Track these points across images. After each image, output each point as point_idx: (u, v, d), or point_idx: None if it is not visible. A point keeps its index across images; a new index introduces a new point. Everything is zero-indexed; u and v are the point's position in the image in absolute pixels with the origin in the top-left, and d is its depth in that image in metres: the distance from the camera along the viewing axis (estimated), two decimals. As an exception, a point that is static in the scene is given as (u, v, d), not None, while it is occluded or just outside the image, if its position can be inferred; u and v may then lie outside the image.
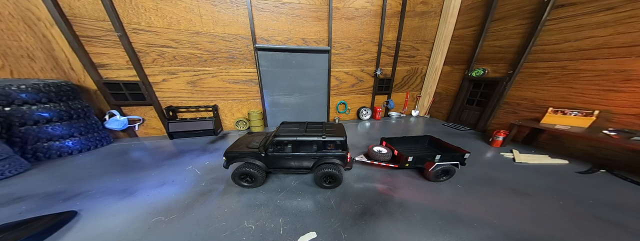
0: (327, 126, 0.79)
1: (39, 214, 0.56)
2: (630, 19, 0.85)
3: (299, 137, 0.69)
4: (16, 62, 0.96)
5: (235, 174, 0.68)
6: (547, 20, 1.08)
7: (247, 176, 0.70)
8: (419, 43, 1.72)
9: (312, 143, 0.71)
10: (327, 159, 0.72)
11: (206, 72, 1.30)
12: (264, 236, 0.51)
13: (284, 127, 0.75)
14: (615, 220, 0.59)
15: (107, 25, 1.03)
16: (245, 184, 0.71)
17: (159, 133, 1.35)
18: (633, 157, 0.88)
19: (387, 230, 0.53)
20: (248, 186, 0.71)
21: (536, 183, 0.79)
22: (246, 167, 0.68)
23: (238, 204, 0.63)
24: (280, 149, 0.70)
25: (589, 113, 0.97)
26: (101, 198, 0.67)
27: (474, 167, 0.92)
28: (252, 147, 0.72)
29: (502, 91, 1.31)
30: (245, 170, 0.68)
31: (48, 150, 0.95)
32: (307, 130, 0.74)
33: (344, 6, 1.39)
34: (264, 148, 0.70)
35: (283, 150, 0.70)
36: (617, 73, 0.90)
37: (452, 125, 1.61)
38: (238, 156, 0.69)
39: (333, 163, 0.72)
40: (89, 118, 1.08)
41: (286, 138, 0.68)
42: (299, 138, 0.69)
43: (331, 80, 1.60)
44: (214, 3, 1.16)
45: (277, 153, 0.70)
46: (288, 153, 0.70)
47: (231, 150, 0.71)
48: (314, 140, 0.70)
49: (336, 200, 0.66)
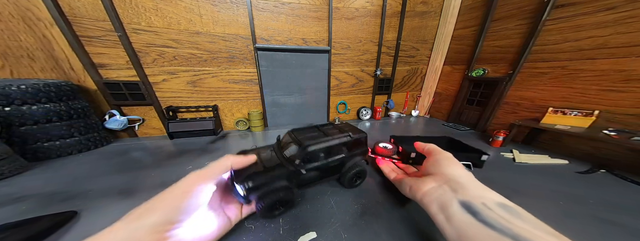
0: (340, 126, 0.73)
1: (39, 214, 0.56)
2: (630, 19, 0.85)
3: (332, 141, 0.60)
4: (16, 62, 0.96)
5: (266, 207, 0.52)
6: (547, 20, 1.08)
7: (281, 204, 0.55)
8: (419, 43, 1.72)
9: (343, 145, 0.63)
10: (354, 158, 0.68)
11: (206, 72, 1.30)
12: (264, 237, 0.50)
13: (302, 134, 0.62)
14: (615, 220, 0.59)
15: (107, 25, 1.03)
16: (277, 213, 0.56)
17: (159, 133, 1.35)
18: (633, 156, 0.88)
19: (387, 229, 0.53)
20: (278, 215, 0.57)
21: (536, 183, 0.79)
22: (281, 193, 0.53)
23: (238, 204, 0.63)
24: (314, 159, 0.58)
25: (589, 113, 0.97)
26: (101, 198, 0.67)
27: (474, 166, 0.92)
28: (272, 166, 0.55)
29: (502, 91, 1.31)
30: (280, 196, 0.53)
31: (48, 150, 0.95)
32: (327, 133, 0.64)
33: (344, 6, 1.39)
34: (301, 164, 0.55)
35: (318, 160, 0.59)
36: (617, 73, 0.90)
37: (452, 125, 1.61)
38: (267, 183, 0.52)
39: (358, 160, 0.68)
40: (89, 118, 1.08)
41: (319, 146, 0.57)
42: (333, 141, 0.60)
43: (331, 80, 1.60)
44: (214, 3, 1.16)
45: (312, 166, 0.58)
46: (322, 162, 0.60)
47: (252, 176, 0.51)
48: (345, 141, 0.63)
49: (336, 200, 0.66)
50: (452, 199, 0.41)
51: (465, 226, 0.36)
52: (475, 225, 0.35)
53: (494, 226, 0.33)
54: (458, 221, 0.37)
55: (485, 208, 0.36)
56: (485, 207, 0.37)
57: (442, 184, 0.46)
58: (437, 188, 0.46)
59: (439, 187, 0.46)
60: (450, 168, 0.49)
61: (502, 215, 0.35)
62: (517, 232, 0.30)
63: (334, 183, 0.75)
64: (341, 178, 0.69)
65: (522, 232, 0.30)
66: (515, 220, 0.34)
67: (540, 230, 0.31)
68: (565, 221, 0.58)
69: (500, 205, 0.37)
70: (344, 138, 0.62)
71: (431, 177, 0.49)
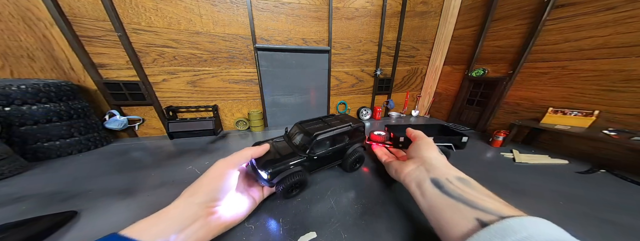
0: (341, 117, 0.85)
1: (39, 214, 0.56)
2: (630, 19, 0.85)
3: (336, 130, 0.71)
4: (16, 62, 0.96)
5: (286, 189, 0.60)
6: (547, 20, 1.08)
7: (297, 185, 0.64)
8: (419, 43, 1.72)
9: (345, 134, 0.74)
10: (353, 145, 0.78)
11: (206, 72, 1.30)
12: (264, 237, 0.51)
13: (310, 126, 0.73)
14: (615, 220, 0.59)
15: (107, 25, 1.03)
16: (294, 193, 0.66)
17: (159, 133, 1.35)
18: (633, 157, 0.88)
19: (387, 229, 0.53)
20: (294, 195, 0.66)
21: (536, 183, 0.79)
22: (297, 176, 0.62)
23: (238, 204, 0.63)
24: (322, 147, 0.69)
25: (589, 113, 0.97)
26: (101, 198, 0.67)
27: (474, 166, 0.92)
28: (287, 154, 0.65)
29: (502, 91, 1.31)
30: (297, 179, 0.61)
31: (48, 150, 0.95)
32: (330, 124, 0.75)
33: (344, 6, 1.39)
34: (312, 151, 0.66)
35: (325, 147, 0.70)
36: (617, 73, 0.90)
37: (452, 125, 1.61)
38: (285, 168, 0.61)
39: (357, 147, 0.79)
40: (89, 118, 1.08)
41: (326, 134, 0.68)
42: (336, 131, 0.70)
43: (331, 80, 1.60)
44: (214, 3, 1.16)
45: (320, 152, 0.68)
46: (328, 149, 0.71)
47: (271, 163, 0.60)
48: (347, 129, 0.73)
49: (336, 199, 0.66)
50: (426, 178, 0.50)
51: (434, 198, 0.45)
52: (441, 196, 0.44)
53: (453, 195, 0.42)
54: (429, 194, 0.46)
55: (447, 182, 0.46)
56: (448, 181, 0.46)
57: (420, 165, 0.55)
58: (415, 169, 0.56)
59: (417, 168, 0.55)
60: (428, 151, 0.58)
61: (459, 186, 0.44)
62: (467, 198, 0.40)
63: (337, 169, 0.83)
64: (343, 163, 0.79)
65: (470, 197, 0.40)
66: (467, 188, 0.43)
67: (483, 194, 0.41)
68: (565, 221, 0.58)
69: (458, 179, 0.47)
70: (345, 127, 0.73)
71: (412, 160, 0.60)
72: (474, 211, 0.37)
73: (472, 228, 0.34)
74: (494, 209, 0.36)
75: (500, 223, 0.31)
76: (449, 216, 0.39)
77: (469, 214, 0.37)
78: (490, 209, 0.36)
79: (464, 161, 0.97)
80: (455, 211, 0.39)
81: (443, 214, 0.41)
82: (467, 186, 0.44)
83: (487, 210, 0.36)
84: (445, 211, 0.41)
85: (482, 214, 0.36)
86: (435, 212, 0.43)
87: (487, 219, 0.34)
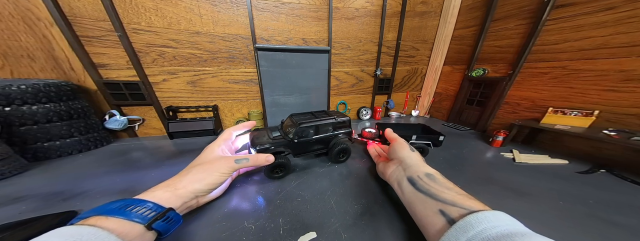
0: (330, 112, 0.93)
1: (39, 214, 0.56)
2: (630, 19, 0.85)
3: (320, 121, 0.81)
4: (16, 62, 0.96)
5: (269, 167, 0.74)
6: (547, 20, 1.08)
7: (280, 167, 0.77)
8: (419, 43, 1.72)
9: (329, 125, 0.84)
10: (339, 137, 0.87)
11: (206, 72, 1.30)
12: (264, 237, 0.50)
13: (298, 117, 0.85)
14: (615, 219, 0.59)
15: (107, 25, 1.03)
16: (277, 175, 0.77)
17: (159, 133, 1.35)
18: (633, 157, 0.88)
19: (387, 229, 0.53)
20: (279, 177, 0.78)
21: (536, 183, 0.79)
22: (280, 159, 0.74)
23: (238, 204, 0.63)
24: (305, 135, 0.80)
25: (589, 113, 0.97)
26: (101, 198, 0.67)
27: (474, 166, 0.93)
28: (275, 137, 0.80)
29: (502, 91, 1.31)
30: (280, 161, 0.74)
31: (48, 150, 0.95)
32: (317, 116, 0.85)
33: (344, 6, 1.39)
34: (295, 136, 0.78)
35: (308, 135, 0.81)
36: (617, 73, 0.90)
37: (452, 125, 1.61)
38: (270, 148, 0.75)
39: (343, 140, 0.88)
40: (89, 118, 1.08)
41: (310, 124, 0.79)
42: (320, 122, 0.81)
43: (331, 80, 1.60)
44: (214, 3, 1.16)
45: (303, 139, 0.80)
46: (311, 137, 0.82)
47: (260, 144, 0.75)
48: (330, 122, 0.83)
49: (336, 199, 0.66)
50: (403, 177, 0.56)
51: (409, 195, 0.51)
52: (414, 192, 0.49)
53: (422, 190, 0.48)
54: (407, 192, 0.52)
55: (418, 179, 0.52)
56: (419, 178, 0.52)
57: (398, 166, 0.62)
58: (395, 170, 0.62)
59: (397, 169, 0.62)
60: (403, 152, 0.65)
61: (427, 181, 0.50)
62: (432, 192, 0.45)
63: (339, 170, 0.86)
64: (328, 153, 0.88)
65: (434, 190, 0.46)
66: (432, 183, 0.49)
67: (444, 187, 0.46)
68: (565, 221, 0.58)
69: (426, 175, 0.52)
70: (329, 120, 0.84)
71: (393, 161, 0.67)
72: (436, 203, 0.42)
73: (442, 227, 0.37)
74: (451, 200, 0.41)
75: (462, 221, 0.34)
76: (421, 210, 0.44)
77: (433, 206, 0.42)
78: (448, 200, 0.41)
79: (464, 161, 0.97)
80: (425, 204, 0.44)
81: (416, 208, 0.46)
82: (432, 181, 0.49)
83: (446, 201, 0.41)
84: (418, 205, 0.46)
85: (442, 205, 0.40)
86: (412, 207, 0.48)
87: (447, 210, 0.39)
